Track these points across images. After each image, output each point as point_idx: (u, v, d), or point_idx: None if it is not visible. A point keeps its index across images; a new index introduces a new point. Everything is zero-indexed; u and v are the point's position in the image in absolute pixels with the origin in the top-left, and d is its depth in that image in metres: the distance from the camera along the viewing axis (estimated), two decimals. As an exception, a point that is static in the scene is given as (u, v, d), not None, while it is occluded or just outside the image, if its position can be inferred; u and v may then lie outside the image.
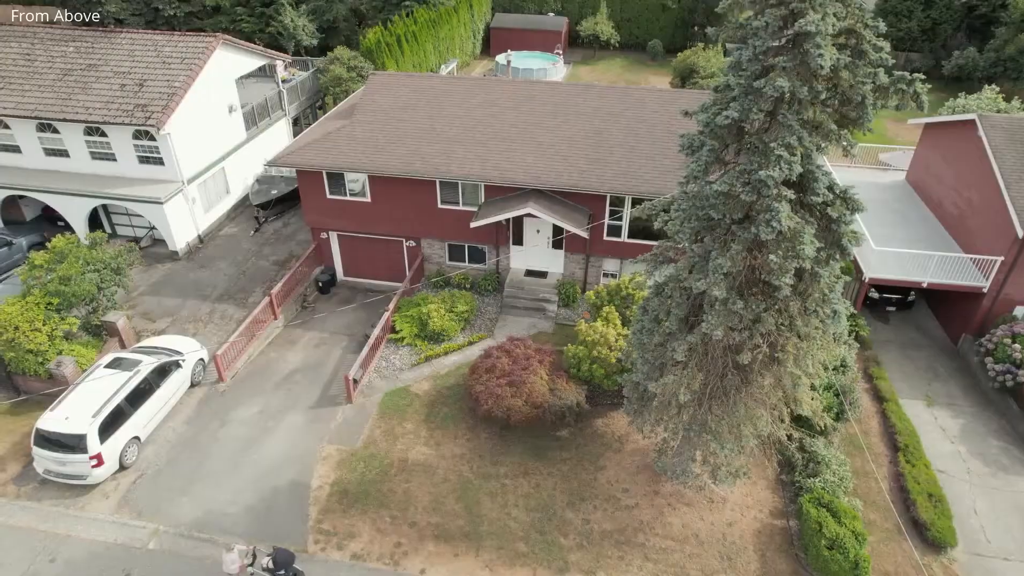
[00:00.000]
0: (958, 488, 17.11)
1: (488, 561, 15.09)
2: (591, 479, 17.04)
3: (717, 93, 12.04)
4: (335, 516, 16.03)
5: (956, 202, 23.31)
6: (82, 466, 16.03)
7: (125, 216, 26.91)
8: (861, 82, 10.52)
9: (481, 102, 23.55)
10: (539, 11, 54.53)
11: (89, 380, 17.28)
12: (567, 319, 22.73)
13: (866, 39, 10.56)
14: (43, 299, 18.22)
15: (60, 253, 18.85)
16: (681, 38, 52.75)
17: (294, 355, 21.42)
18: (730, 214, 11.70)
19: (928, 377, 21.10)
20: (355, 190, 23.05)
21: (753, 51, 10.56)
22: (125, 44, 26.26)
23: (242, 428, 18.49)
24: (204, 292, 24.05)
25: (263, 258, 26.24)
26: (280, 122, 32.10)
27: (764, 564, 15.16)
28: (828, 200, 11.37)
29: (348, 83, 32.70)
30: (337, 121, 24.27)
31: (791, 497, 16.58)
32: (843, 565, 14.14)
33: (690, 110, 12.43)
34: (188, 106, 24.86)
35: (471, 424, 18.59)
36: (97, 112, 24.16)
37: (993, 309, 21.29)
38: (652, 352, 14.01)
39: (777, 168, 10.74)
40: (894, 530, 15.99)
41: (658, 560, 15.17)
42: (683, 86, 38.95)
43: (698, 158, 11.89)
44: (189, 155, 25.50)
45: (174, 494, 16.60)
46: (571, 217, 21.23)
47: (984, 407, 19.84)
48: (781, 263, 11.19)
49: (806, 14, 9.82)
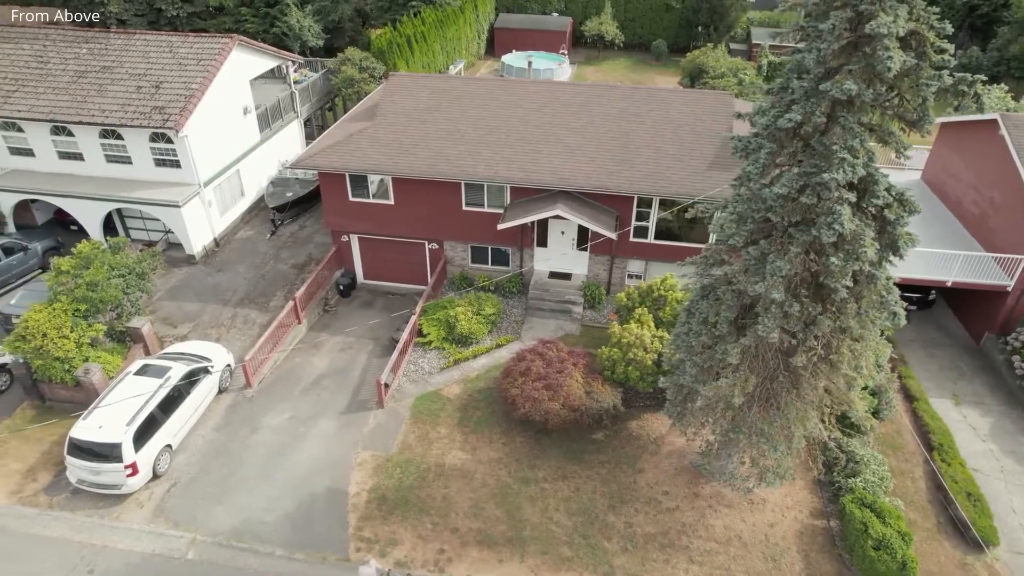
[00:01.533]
0: (994, 486, 17.17)
1: (533, 566, 14.99)
2: (630, 482, 16.98)
3: (772, 96, 12.03)
4: (375, 523, 15.88)
5: (976, 201, 23.43)
6: (117, 475, 15.79)
7: (140, 220, 26.58)
8: (925, 84, 10.51)
9: (504, 103, 23.43)
10: (543, 11, 54.47)
11: (120, 387, 17.02)
12: (593, 321, 22.67)
13: (929, 41, 10.56)
14: (70, 305, 17.93)
15: (86, 258, 18.57)
16: (685, 38, 52.85)
17: (320, 360, 21.22)
18: (788, 216, 11.66)
19: (953, 376, 21.20)
20: (378, 192, 22.87)
21: (818, 54, 10.52)
22: (140, 46, 25.94)
23: (273, 435, 18.28)
24: (224, 296, 23.79)
25: (281, 261, 26.00)
26: (292, 124, 31.83)
27: (808, 565, 15.16)
28: (887, 202, 11.36)
29: (360, 84, 32.46)
30: (358, 123, 24.07)
31: (830, 497, 16.59)
32: (890, 566, 14.15)
33: (743, 112, 12.40)
34: (205, 108, 24.59)
35: (505, 428, 18.49)
36: (114, 115, 23.84)
37: (1017, 308, 21.43)
38: (700, 355, 13.96)
39: (840, 171, 10.72)
40: (934, 529, 16.04)
41: (703, 562, 15.13)
42: (692, 86, 38.96)
43: (755, 160, 11.85)
44: (205, 158, 25.23)
45: (209, 503, 16.38)
46: (599, 219, 21.16)
47: (1012, 405, 19.95)
48: (842, 266, 11.18)
49: (877, 16, 9.79)
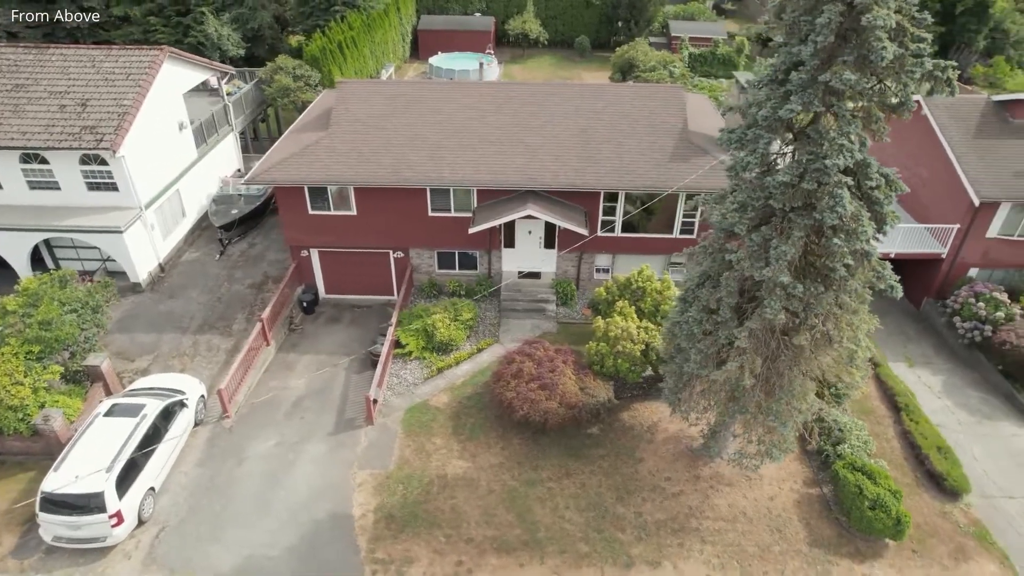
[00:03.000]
0: (955, 438, 18.64)
1: (555, 567, 15.02)
2: (632, 472, 17.30)
3: (760, 89, 12.55)
4: (387, 543, 15.44)
5: (907, 178, 25.18)
6: (101, 527, 14.57)
7: (72, 249, 24.58)
8: (910, 71, 11.26)
9: (460, 106, 23.23)
10: (464, 12, 54.31)
11: (90, 432, 15.71)
12: (567, 317, 22.90)
13: (909, 31, 11.31)
14: (21, 348, 16.36)
15: (34, 295, 16.99)
16: (606, 33, 54.10)
17: (296, 381, 20.37)
18: (789, 202, 12.21)
19: (902, 340, 22.84)
20: (339, 204, 22.15)
21: (814, 47, 11.06)
22: (56, 61, 23.93)
23: (261, 464, 17.41)
24: (181, 324, 22.38)
25: (236, 282, 24.73)
26: (228, 138, 30.28)
27: (810, 531, 15.96)
28: (878, 183, 12.10)
29: (297, 93, 31.28)
30: (309, 133, 23.22)
31: (819, 466, 17.51)
32: (886, 523, 15.12)
33: (734, 106, 12.88)
34: (140, 125, 23.00)
35: (501, 432, 18.39)
36: (37, 137, 21.89)
37: (951, 273, 23.33)
38: (702, 342, 14.39)
39: (840, 156, 11.33)
40: (914, 484, 17.25)
41: (715, 542, 15.63)
42: (624, 80, 39.97)
43: (753, 151, 12.32)
44: (144, 178, 23.60)
45: (204, 543, 15.42)
46: (569, 217, 21.37)
47: (956, 363, 21.71)
48: (844, 246, 11.82)
49: (872, 9, 10.40)
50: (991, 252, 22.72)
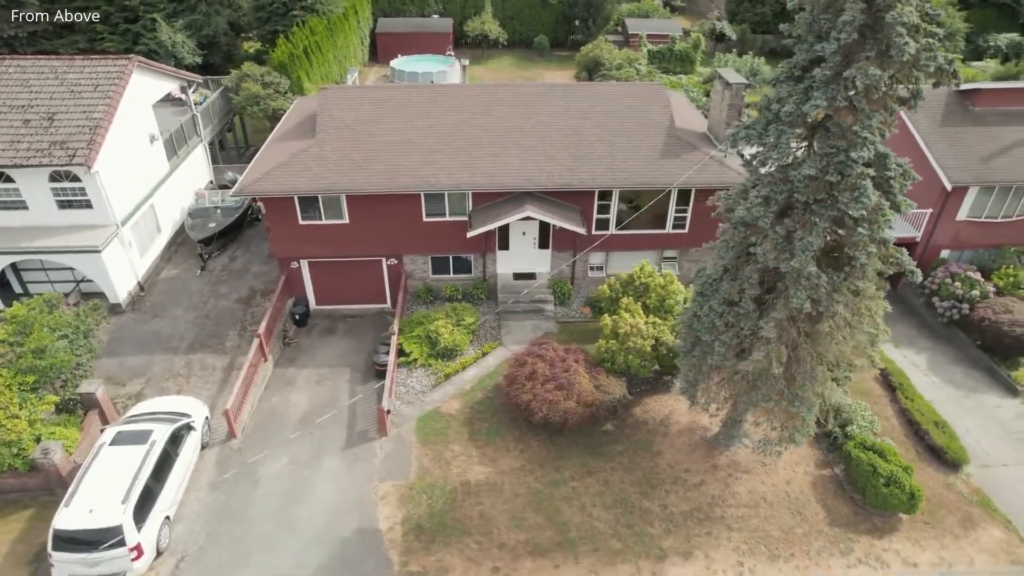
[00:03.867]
0: (947, 412, 19.56)
1: (590, 566, 15.10)
2: (652, 465, 17.53)
3: (776, 86, 12.92)
4: (419, 555, 15.22)
5: (876, 165, 26.37)
6: (120, 562, 13.88)
7: (42, 272, 23.29)
8: (925, 65, 11.76)
9: (448, 109, 23.03)
10: (421, 13, 53.83)
11: (97, 463, 14.95)
12: (566, 316, 23.01)
13: (923, 27, 11.81)
14: (14, 379, 15.42)
15: (23, 323, 16.03)
16: (563, 33, 54.51)
17: (298, 396, 19.84)
18: (813, 195, 12.60)
19: (885, 321, 23.77)
20: (330, 212, 21.66)
21: (838, 44, 11.44)
22: (13, 73, 22.67)
23: (277, 483, 16.90)
24: (170, 344, 21.49)
25: (222, 298, 23.89)
26: (198, 148, 29.22)
27: (828, 511, 16.51)
28: (896, 174, 12.60)
29: (266, 101, 30.42)
30: (293, 142, 22.61)
31: (828, 448, 18.12)
32: (901, 498, 15.78)
33: (749, 103, 13.18)
34: (113, 139, 21.98)
35: (517, 435, 18.37)
36: (1, 155, 20.67)
37: (925, 255, 24.49)
38: (725, 333, 14.70)
39: (864, 149, 11.76)
40: (916, 459, 18.03)
41: (741, 528, 16.01)
42: (591, 79, 40.37)
43: (778, 145, 12.66)
44: (119, 194, 22.56)
45: (229, 571, 14.87)
46: (566, 216, 21.48)
47: (937, 341, 22.78)
48: (868, 235, 12.28)
49: (895, 7, 10.82)
50: (961, 234, 23.95)
